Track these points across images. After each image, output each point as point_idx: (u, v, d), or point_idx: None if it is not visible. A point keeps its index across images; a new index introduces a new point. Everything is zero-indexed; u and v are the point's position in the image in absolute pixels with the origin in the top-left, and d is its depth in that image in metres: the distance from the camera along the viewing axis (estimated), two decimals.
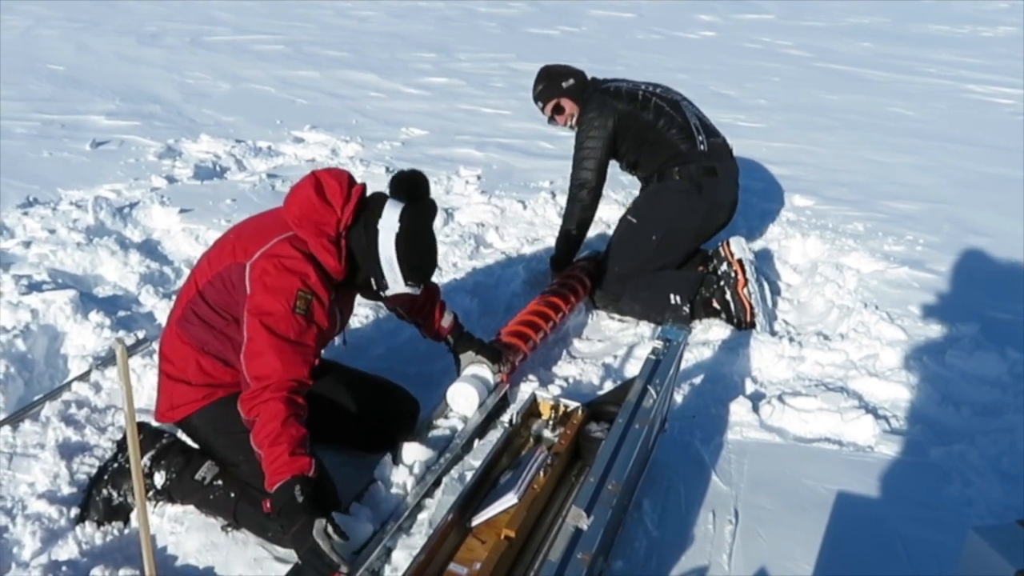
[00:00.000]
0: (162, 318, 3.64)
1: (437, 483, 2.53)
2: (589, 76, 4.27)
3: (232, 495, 2.45)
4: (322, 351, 2.70)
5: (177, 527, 2.51)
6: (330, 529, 2.13)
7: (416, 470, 2.49)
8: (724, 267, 3.97)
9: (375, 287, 2.55)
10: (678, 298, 3.93)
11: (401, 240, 2.46)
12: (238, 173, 5.84)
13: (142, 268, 4.10)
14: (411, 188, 2.51)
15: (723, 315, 3.93)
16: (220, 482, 2.49)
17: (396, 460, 2.52)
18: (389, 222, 2.46)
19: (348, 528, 2.22)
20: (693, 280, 4.00)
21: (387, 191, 2.56)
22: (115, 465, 2.60)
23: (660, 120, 4.07)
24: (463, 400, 2.74)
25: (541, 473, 2.45)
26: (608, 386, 3.34)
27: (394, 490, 2.46)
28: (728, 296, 3.90)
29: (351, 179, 2.52)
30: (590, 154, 4.06)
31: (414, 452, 2.53)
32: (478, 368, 2.89)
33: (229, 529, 2.49)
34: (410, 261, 2.49)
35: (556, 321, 3.69)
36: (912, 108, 8.76)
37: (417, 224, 2.50)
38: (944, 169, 6.62)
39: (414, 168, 2.55)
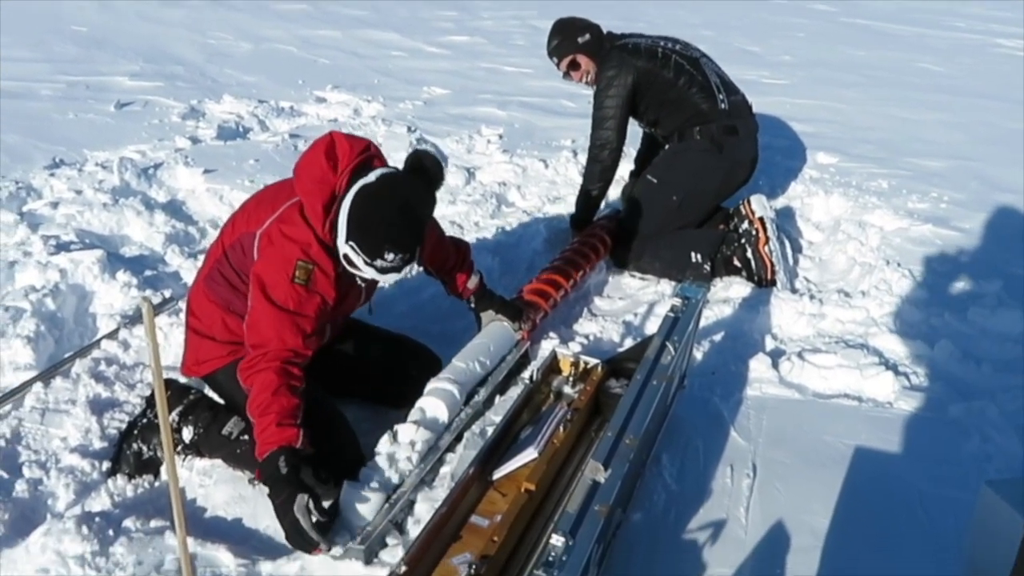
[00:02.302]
0: (188, 277, 3.67)
1: (459, 438, 2.55)
2: (605, 31, 4.20)
3: None
4: (350, 315, 2.73)
5: (206, 480, 2.54)
6: (311, 505, 2.12)
7: (419, 447, 2.44)
8: (745, 225, 3.95)
9: (340, 254, 2.35)
10: (699, 256, 3.91)
11: (365, 192, 2.27)
12: (261, 133, 5.85)
13: (167, 228, 4.12)
14: (413, 162, 2.40)
15: (744, 273, 3.91)
16: (246, 437, 2.49)
17: (395, 438, 2.47)
18: (370, 176, 2.30)
19: (350, 500, 2.23)
20: (714, 238, 3.98)
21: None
22: (144, 420, 2.64)
23: (680, 78, 4.02)
24: (432, 411, 2.60)
25: (561, 428, 2.45)
26: (628, 343, 3.33)
27: (398, 464, 2.40)
28: (749, 254, 3.89)
29: (368, 146, 2.41)
30: (610, 113, 4.01)
31: (410, 431, 2.48)
32: (443, 383, 2.65)
33: (256, 482, 2.48)
34: (358, 216, 2.26)
35: (577, 279, 3.68)
36: (940, 63, 8.61)
37: (390, 186, 2.29)
38: (971, 126, 6.51)
39: (432, 154, 2.44)
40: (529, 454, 2.35)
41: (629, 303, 3.84)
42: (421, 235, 2.37)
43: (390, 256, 2.29)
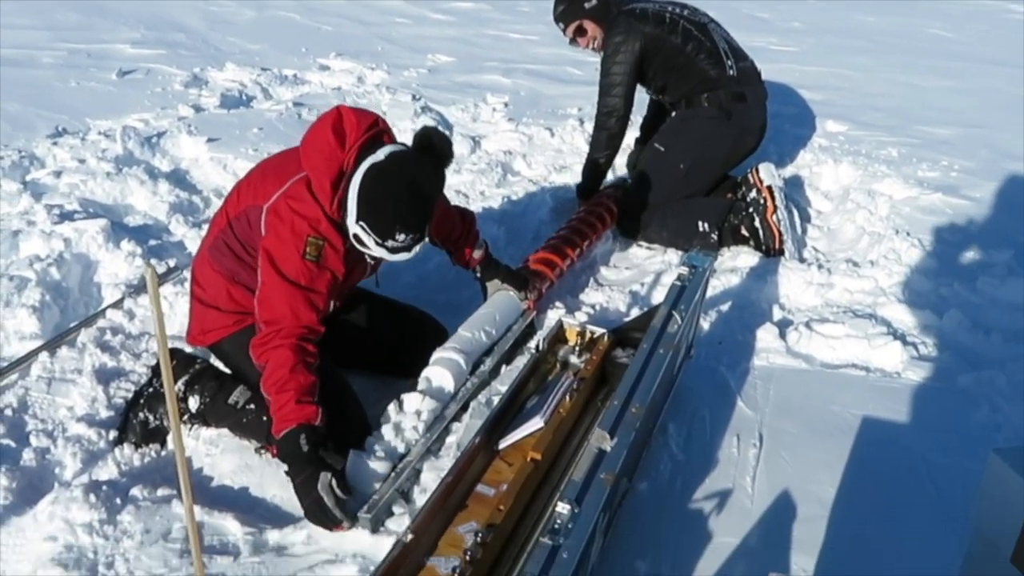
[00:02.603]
0: (192, 247, 3.67)
1: (465, 407, 2.56)
2: None
3: (264, 419, 2.45)
4: (355, 286, 2.72)
5: (212, 449, 2.55)
6: (334, 484, 2.14)
7: (424, 417, 2.45)
8: (753, 194, 3.92)
9: (350, 232, 2.36)
10: (706, 225, 3.89)
11: (374, 171, 2.28)
12: (264, 102, 5.82)
13: (171, 197, 4.11)
14: (422, 139, 2.39)
15: (751, 242, 3.90)
16: (252, 406, 2.51)
17: (400, 407, 2.48)
18: (378, 154, 2.31)
19: (356, 470, 2.25)
20: (721, 207, 3.96)
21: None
22: (150, 390, 2.64)
23: (688, 44, 3.97)
24: (437, 380, 2.60)
25: (567, 398, 2.45)
26: (634, 313, 3.33)
27: (403, 434, 2.42)
28: (757, 223, 3.87)
29: (376, 120, 2.39)
30: (617, 80, 3.96)
31: (415, 401, 2.48)
32: (448, 352, 2.65)
33: (263, 451, 2.51)
34: (369, 196, 2.28)
35: (583, 249, 3.67)
36: (951, 30, 8.52)
37: (400, 165, 2.30)
38: (983, 93, 6.45)
39: (438, 129, 2.43)
40: (535, 423, 2.34)
41: (635, 272, 3.82)
42: (431, 214, 2.38)
43: (401, 237, 2.31)
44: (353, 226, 2.32)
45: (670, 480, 2.49)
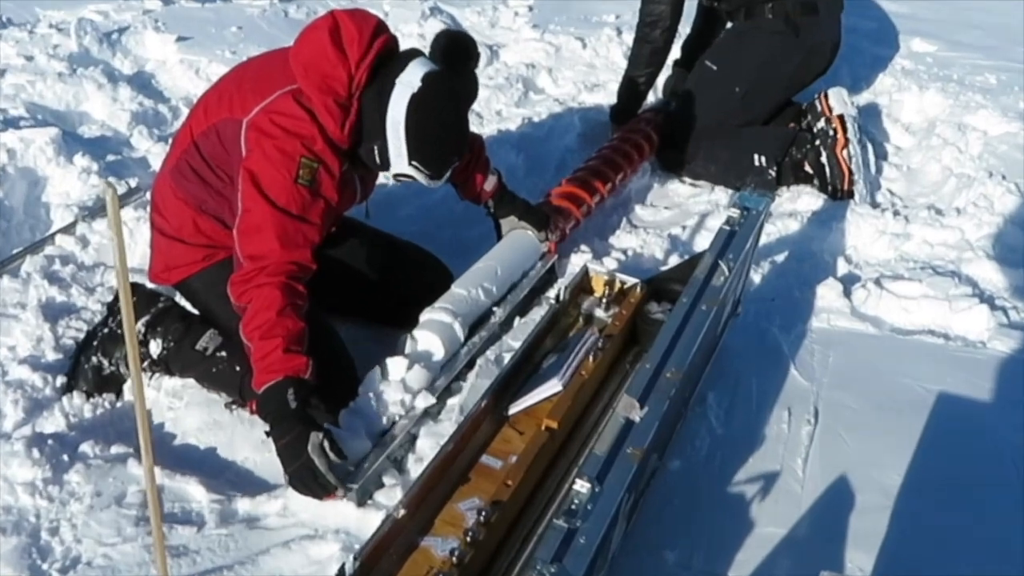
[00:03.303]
0: (157, 164, 3.59)
1: (471, 364, 2.56)
2: None
3: (238, 369, 2.46)
4: (344, 214, 2.73)
5: (175, 402, 2.55)
6: (327, 445, 2.13)
7: (410, 383, 2.42)
8: (821, 124, 3.89)
9: (377, 161, 2.46)
10: (763, 159, 3.86)
11: (418, 103, 2.35)
12: None
13: (134, 105, 4.08)
14: (453, 51, 2.45)
15: (816, 181, 3.87)
16: (224, 353, 2.51)
17: (383, 373, 2.45)
18: (410, 78, 2.35)
19: (342, 434, 2.24)
20: (783, 138, 3.92)
21: (426, 50, 2.49)
22: (106, 330, 2.63)
23: None
24: (424, 343, 2.57)
25: (590, 358, 2.45)
26: (673, 261, 3.31)
27: (387, 408, 2.39)
28: (823, 158, 3.83)
29: (378, 27, 2.41)
30: None
31: (399, 365, 2.44)
32: (436, 314, 2.62)
33: (234, 407, 2.51)
34: (422, 133, 2.38)
35: (615, 183, 3.66)
36: None
37: (444, 91, 2.40)
38: None
39: (464, 32, 2.44)
40: (552, 386, 2.36)
41: (676, 213, 3.80)
42: (469, 129, 2.56)
43: (456, 165, 2.50)
44: (403, 166, 2.42)
45: (707, 458, 2.49)
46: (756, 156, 3.88)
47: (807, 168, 3.88)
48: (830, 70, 4.22)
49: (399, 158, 2.41)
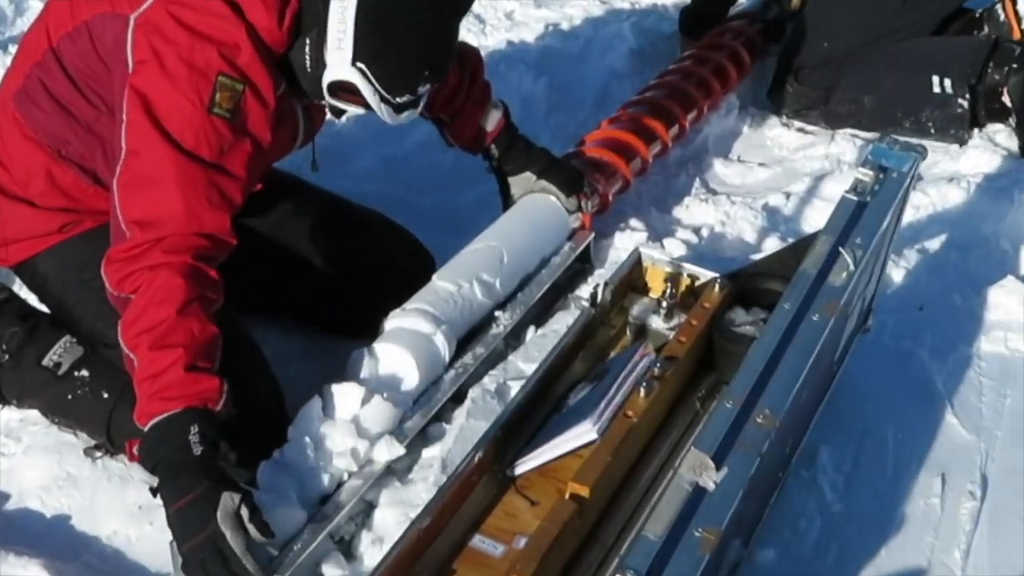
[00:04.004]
0: None
1: (460, 397, 2.36)
2: None
3: (106, 395, 2.33)
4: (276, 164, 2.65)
5: (10, 445, 2.43)
6: (245, 514, 1.89)
7: (366, 424, 2.18)
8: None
9: (307, 60, 2.27)
10: (948, 83, 3.61)
11: None
12: None
13: None
14: None
15: (1013, 120, 3.62)
16: (85, 372, 2.37)
17: (325, 408, 2.24)
18: None
19: (265, 491, 2.04)
20: (976, 49, 3.67)
21: None
22: None
23: None
24: (391, 365, 2.36)
25: (641, 391, 2.20)
26: (770, 247, 3.12)
27: (332, 461, 2.17)
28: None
29: None
30: None
31: (351, 397, 2.20)
32: (408, 319, 2.42)
33: (99, 453, 2.37)
34: (379, 17, 2.18)
35: (685, 125, 3.46)
36: None
37: None
38: None
39: None
40: (582, 433, 2.15)
41: (777, 173, 3.62)
42: (455, 47, 2.40)
43: (421, 87, 2.29)
44: (345, 70, 2.21)
45: (817, 547, 2.30)
46: (936, 78, 3.63)
47: (1006, 98, 3.62)
48: None
49: (338, 55, 2.20)
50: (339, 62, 2.21)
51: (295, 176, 2.78)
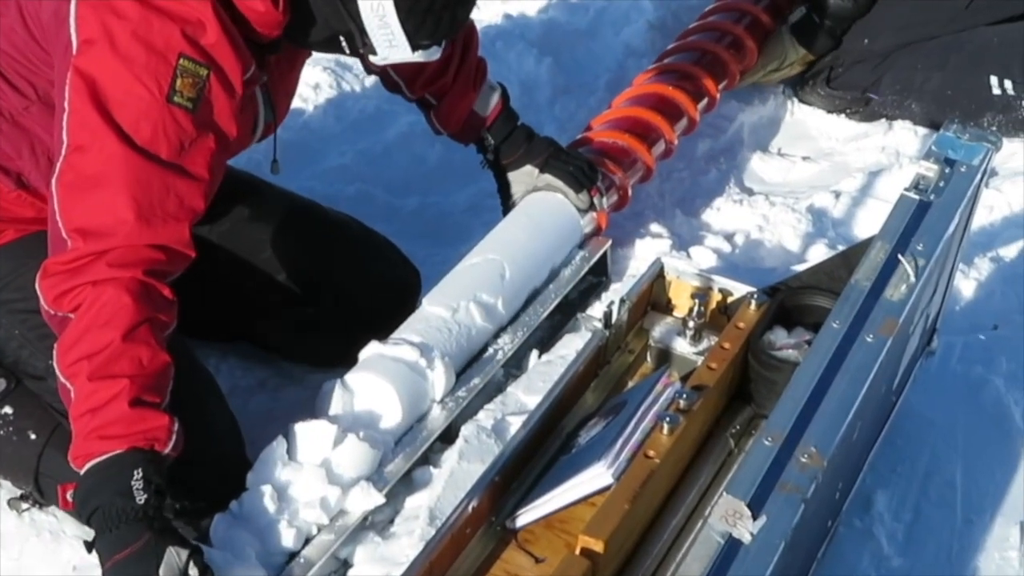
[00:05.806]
0: None
1: (450, 436, 2.22)
2: None
3: (33, 436, 2.23)
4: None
5: None
6: (194, 572, 1.80)
7: (339, 469, 2.07)
8: None
9: (346, 48, 2.20)
10: (1009, 84, 3.53)
11: None
12: None
13: None
14: None
15: None
16: (7, 409, 2.28)
17: (291, 451, 2.12)
18: None
19: (221, 548, 1.93)
20: None
21: None
22: None
23: None
24: (368, 400, 2.23)
25: (664, 427, 2.10)
26: (816, 255, 3.02)
27: (298, 512, 2.06)
28: None
29: None
30: None
31: (321, 437, 2.08)
32: (390, 347, 2.29)
33: (26, 504, 2.30)
34: None
35: (715, 96, 3.32)
36: None
37: None
38: None
39: None
40: (595, 478, 2.06)
41: (824, 168, 3.50)
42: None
43: (445, 26, 2.18)
44: (380, 23, 2.12)
45: None
46: (995, 79, 3.54)
47: None
48: None
49: (392, 43, 2.11)
50: (395, 49, 2.14)
51: (252, 175, 2.68)
